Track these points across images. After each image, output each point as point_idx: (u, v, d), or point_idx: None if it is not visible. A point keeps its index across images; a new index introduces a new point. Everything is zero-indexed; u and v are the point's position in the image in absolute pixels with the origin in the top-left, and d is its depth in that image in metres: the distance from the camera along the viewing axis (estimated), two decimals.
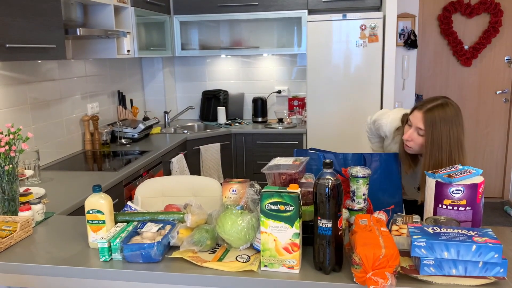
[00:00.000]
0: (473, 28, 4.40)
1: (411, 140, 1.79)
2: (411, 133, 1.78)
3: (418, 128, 1.75)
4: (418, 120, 1.74)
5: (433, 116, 1.71)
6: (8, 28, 1.96)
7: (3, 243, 1.44)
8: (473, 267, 1.14)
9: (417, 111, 1.75)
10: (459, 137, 1.71)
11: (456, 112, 1.73)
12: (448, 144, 1.69)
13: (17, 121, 2.52)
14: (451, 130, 1.70)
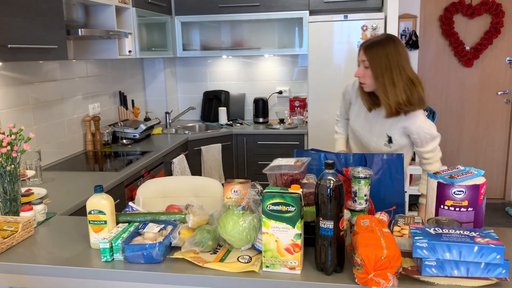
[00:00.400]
0: (474, 29, 4.40)
1: (362, 76, 1.97)
2: (359, 69, 1.98)
3: (362, 61, 1.95)
4: (361, 55, 1.96)
5: (371, 45, 1.94)
6: (10, 28, 1.96)
7: (5, 243, 1.44)
8: (475, 268, 1.14)
9: (360, 49, 1.99)
10: (399, 62, 1.90)
11: (393, 41, 1.93)
12: (389, 68, 1.89)
13: (18, 121, 2.53)
14: (389, 55, 1.89)
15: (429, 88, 4.59)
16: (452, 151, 4.69)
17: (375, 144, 2.10)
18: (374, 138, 2.10)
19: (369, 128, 2.11)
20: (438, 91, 4.58)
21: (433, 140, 2.03)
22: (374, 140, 2.10)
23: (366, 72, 1.95)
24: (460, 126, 4.63)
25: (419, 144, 2.04)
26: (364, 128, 2.13)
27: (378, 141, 2.08)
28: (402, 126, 2.00)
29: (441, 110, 4.59)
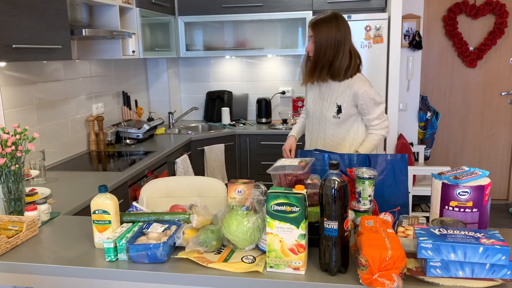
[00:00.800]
0: (478, 29, 4.39)
1: (310, 50, 2.27)
2: (308, 44, 2.29)
3: (310, 36, 2.26)
4: (309, 31, 2.26)
5: (316, 23, 2.24)
6: (15, 28, 1.97)
7: (9, 242, 1.45)
8: (480, 269, 1.13)
9: (309, 26, 2.28)
10: (337, 38, 2.21)
11: (336, 18, 2.24)
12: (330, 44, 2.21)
13: (22, 121, 2.53)
14: (331, 30, 2.20)
15: (433, 89, 4.58)
16: (455, 152, 4.68)
17: (325, 120, 2.34)
18: (324, 111, 2.34)
19: (321, 103, 2.36)
20: (441, 91, 4.57)
21: (377, 106, 2.28)
22: (324, 114, 2.34)
23: (310, 46, 2.27)
24: (464, 127, 4.62)
25: (365, 111, 2.28)
26: (317, 105, 2.38)
27: (327, 114, 2.32)
28: (350, 92, 2.25)
29: (444, 110, 4.58)
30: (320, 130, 2.40)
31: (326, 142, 2.38)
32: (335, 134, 2.35)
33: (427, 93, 4.55)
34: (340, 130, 2.34)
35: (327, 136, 2.37)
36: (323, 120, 2.36)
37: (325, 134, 2.38)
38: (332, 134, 2.35)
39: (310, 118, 2.46)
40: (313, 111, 2.42)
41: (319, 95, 2.39)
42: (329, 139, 2.37)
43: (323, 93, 2.36)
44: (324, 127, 2.36)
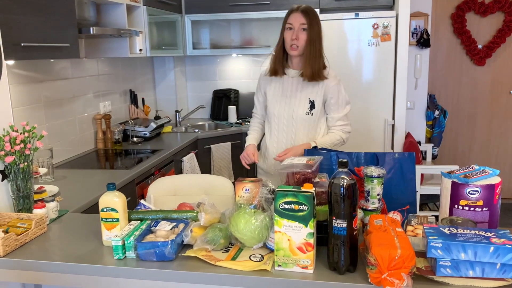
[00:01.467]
0: (487, 27, 4.35)
1: (297, 38, 2.08)
2: (296, 31, 2.08)
3: (302, 24, 2.08)
4: (299, 18, 2.08)
5: (310, 11, 2.11)
6: (23, 27, 1.98)
7: (18, 240, 1.45)
8: (491, 268, 1.12)
9: (295, 13, 2.11)
10: (321, 33, 2.14)
11: (317, 14, 2.16)
12: (319, 36, 2.12)
13: (30, 119, 2.55)
14: (319, 23, 2.13)
15: (440, 87, 4.55)
16: (463, 151, 4.64)
17: (296, 118, 2.19)
18: (294, 108, 2.19)
19: (288, 100, 2.20)
20: (449, 90, 4.54)
21: (346, 105, 2.23)
22: (294, 112, 2.19)
23: (303, 35, 2.08)
24: (472, 126, 4.58)
25: (333, 107, 2.19)
26: (283, 103, 2.21)
27: (299, 111, 2.18)
28: (323, 86, 2.15)
29: (452, 109, 4.55)
30: (290, 130, 2.21)
31: (298, 143, 2.20)
32: (309, 133, 2.20)
33: (435, 91, 4.52)
34: (312, 128, 2.20)
35: (299, 136, 2.20)
36: (293, 119, 2.19)
37: (297, 134, 2.20)
38: (305, 133, 2.19)
39: (274, 119, 2.25)
40: (279, 111, 2.22)
41: (282, 92, 2.21)
42: (301, 140, 2.20)
43: (288, 89, 2.19)
44: (296, 126, 2.19)
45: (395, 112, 3.63)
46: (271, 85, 2.25)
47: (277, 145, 2.26)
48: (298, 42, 2.08)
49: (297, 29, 2.07)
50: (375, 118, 3.66)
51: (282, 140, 2.25)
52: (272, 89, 2.24)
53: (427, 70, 4.29)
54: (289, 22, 2.10)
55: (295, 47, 2.09)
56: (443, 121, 4.35)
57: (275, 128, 2.26)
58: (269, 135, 2.31)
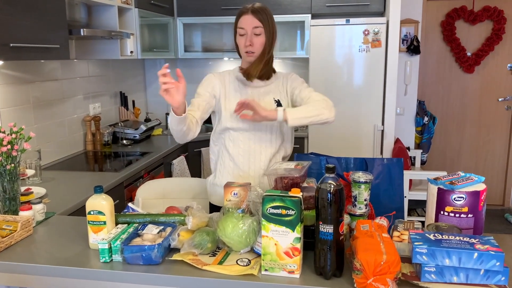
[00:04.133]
0: (476, 35, 4.41)
1: (252, 44, 1.80)
2: (250, 37, 1.80)
3: (254, 27, 1.79)
4: (251, 20, 1.79)
5: (263, 10, 1.81)
6: (12, 27, 1.97)
7: (3, 242, 1.44)
8: (475, 275, 1.13)
9: (245, 16, 1.81)
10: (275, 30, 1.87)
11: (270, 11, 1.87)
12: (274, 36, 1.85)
13: (19, 120, 2.53)
14: (274, 22, 1.85)
15: (430, 94, 4.59)
16: (452, 157, 4.69)
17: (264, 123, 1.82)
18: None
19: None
20: (439, 96, 4.59)
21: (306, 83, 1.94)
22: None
23: (258, 40, 1.80)
24: (461, 132, 4.63)
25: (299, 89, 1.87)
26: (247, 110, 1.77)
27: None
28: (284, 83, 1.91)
29: (442, 115, 4.60)
30: (263, 137, 1.86)
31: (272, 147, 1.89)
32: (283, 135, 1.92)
33: (425, 98, 4.57)
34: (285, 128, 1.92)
35: (275, 140, 1.89)
36: (264, 124, 1.83)
37: (272, 138, 1.87)
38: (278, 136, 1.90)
39: (238, 130, 1.84)
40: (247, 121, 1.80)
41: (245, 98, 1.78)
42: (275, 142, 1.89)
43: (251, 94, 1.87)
44: (270, 130, 1.86)
45: (384, 117, 3.66)
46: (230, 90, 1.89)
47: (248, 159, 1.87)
48: (253, 48, 1.81)
49: (250, 33, 1.79)
50: (364, 123, 3.68)
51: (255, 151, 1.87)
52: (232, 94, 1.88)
53: (417, 77, 4.33)
54: (240, 27, 1.81)
55: (251, 53, 1.82)
56: (432, 127, 4.39)
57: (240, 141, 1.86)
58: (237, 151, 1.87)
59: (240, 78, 1.89)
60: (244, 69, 1.88)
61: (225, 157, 1.89)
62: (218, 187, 1.91)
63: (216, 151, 1.96)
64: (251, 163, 1.86)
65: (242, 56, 1.87)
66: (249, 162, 1.86)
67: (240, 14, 1.83)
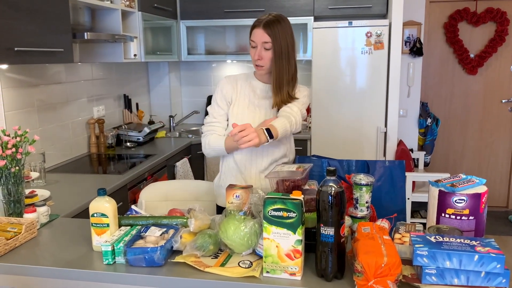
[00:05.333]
0: (479, 36, 4.40)
1: (261, 58, 1.80)
2: (258, 51, 1.79)
3: (264, 42, 1.78)
4: (261, 35, 1.78)
5: (274, 24, 1.77)
6: (17, 32, 1.99)
7: (8, 244, 1.46)
8: (475, 277, 1.14)
9: (256, 29, 1.80)
10: (293, 45, 1.82)
11: (289, 22, 1.84)
12: (287, 51, 1.79)
13: (24, 123, 2.55)
14: (288, 36, 1.80)
15: (433, 96, 4.59)
16: (455, 159, 4.68)
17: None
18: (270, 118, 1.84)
19: (258, 113, 1.87)
20: (442, 98, 4.58)
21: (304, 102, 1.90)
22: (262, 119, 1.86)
23: (267, 54, 1.79)
24: (464, 134, 4.62)
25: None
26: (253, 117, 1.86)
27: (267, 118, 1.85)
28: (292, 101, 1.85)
29: (444, 117, 4.59)
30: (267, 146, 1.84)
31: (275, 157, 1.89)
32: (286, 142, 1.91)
33: (428, 99, 4.56)
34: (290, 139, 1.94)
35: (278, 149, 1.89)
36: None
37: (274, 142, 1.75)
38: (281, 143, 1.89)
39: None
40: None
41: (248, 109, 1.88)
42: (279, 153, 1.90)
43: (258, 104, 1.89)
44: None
45: (387, 119, 3.66)
46: (239, 97, 1.91)
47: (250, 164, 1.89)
48: (262, 62, 1.81)
49: (260, 47, 1.79)
50: (367, 125, 3.68)
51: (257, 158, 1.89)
52: (240, 101, 1.90)
53: (420, 78, 4.33)
54: (252, 40, 1.82)
55: (260, 67, 1.83)
56: (435, 129, 4.38)
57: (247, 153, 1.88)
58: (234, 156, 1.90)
59: (252, 86, 1.91)
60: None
61: (230, 160, 1.92)
62: (222, 189, 1.92)
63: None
64: (253, 167, 1.88)
65: (254, 66, 1.88)
66: (251, 166, 1.88)
67: (253, 27, 1.83)
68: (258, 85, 1.91)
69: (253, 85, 1.91)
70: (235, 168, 1.91)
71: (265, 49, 1.79)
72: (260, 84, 1.90)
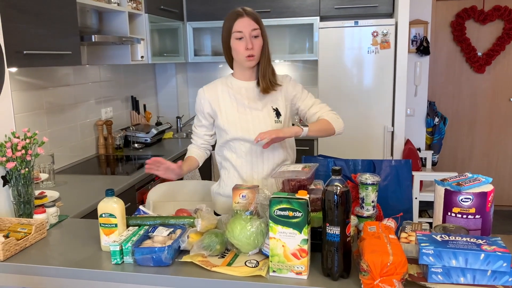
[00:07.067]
0: (486, 34, 4.37)
1: (253, 48, 1.74)
2: (248, 40, 1.74)
3: (253, 30, 1.74)
4: (248, 24, 1.74)
5: (255, 14, 1.77)
6: (26, 35, 2.01)
7: (18, 244, 1.48)
8: (482, 275, 1.14)
9: (241, 19, 1.75)
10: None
11: None
12: (268, 42, 1.81)
13: (33, 125, 2.58)
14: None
15: (440, 94, 4.57)
16: (463, 158, 4.65)
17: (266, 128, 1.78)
18: (262, 119, 1.81)
19: (250, 114, 1.81)
20: (449, 97, 4.56)
21: (305, 89, 1.93)
22: (263, 122, 1.81)
23: (257, 42, 1.75)
24: (472, 133, 4.59)
25: (301, 99, 1.88)
26: (246, 120, 1.81)
27: (267, 121, 1.81)
28: (282, 92, 1.85)
29: (452, 116, 4.57)
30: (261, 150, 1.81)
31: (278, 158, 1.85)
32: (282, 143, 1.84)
33: (435, 98, 4.54)
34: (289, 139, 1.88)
35: (277, 148, 1.84)
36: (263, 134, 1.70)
37: (275, 147, 1.81)
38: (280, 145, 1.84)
39: (240, 142, 1.81)
40: (243, 129, 1.79)
41: (239, 111, 1.82)
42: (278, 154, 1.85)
43: (246, 106, 1.82)
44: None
45: (394, 119, 3.66)
46: (221, 104, 1.84)
47: (251, 169, 1.84)
48: (254, 51, 1.75)
49: (249, 36, 1.74)
50: (374, 125, 3.68)
51: (257, 164, 1.84)
52: (224, 108, 1.83)
53: (427, 77, 4.31)
54: (238, 30, 1.74)
55: (252, 57, 1.75)
56: (443, 128, 4.36)
57: (242, 153, 1.83)
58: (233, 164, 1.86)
59: (235, 87, 1.85)
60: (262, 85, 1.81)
61: (229, 167, 1.87)
62: (221, 196, 1.91)
63: (220, 162, 1.94)
64: (254, 172, 1.84)
65: (240, 61, 1.79)
66: (253, 172, 1.84)
67: (234, 18, 1.75)
68: (242, 84, 1.84)
69: (237, 86, 1.84)
70: (236, 176, 1.86)
71: (254, 37, 1.75)
72: (244, 83, 1.84)
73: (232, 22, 1.75)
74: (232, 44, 1.78)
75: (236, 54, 1.78)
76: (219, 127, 1.85)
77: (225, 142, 1.85)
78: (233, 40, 1.76)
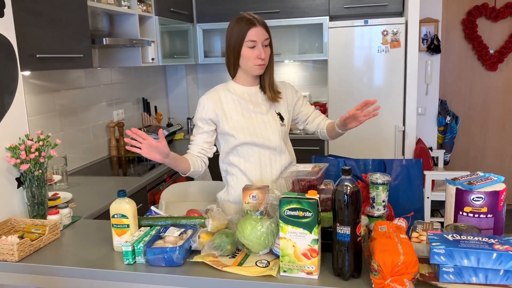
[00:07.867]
0: (498, 32, 4.32)
1: (265, 56, 1.77)
2: (261, 50, 1.75)
3: (265, 39, 1.77)
4: (262, 33, 1.76)
5: (265, 22, 1.81)
6: (38, 39, 2.04)
7: (32, 245, 1.50)
8: (494, 275, 1.13)
9: (255, 28, 1.75)
10: None
11: None
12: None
13: (46, 127, 2.61)
14: None
15: (452, 93, 4.52)
16: (475, 157, 4.60)
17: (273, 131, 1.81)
18: (268, 123, 1.81)
19: (255, 118, 1.81)
20: (461, 95, 4.51)
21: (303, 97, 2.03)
22: (269, 125, 1.81)
23: (268, 51, 1.80)
24: (485, 132, 4.54)
25: (301, 106, 1.97)
26: (253, 124, 1.80)
27: (272, 125, 1.82)
28: (283, 93, 1.90)
29: (464, 115, 4.52)
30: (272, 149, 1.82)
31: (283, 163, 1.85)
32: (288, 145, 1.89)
33: (446, 97, 4.50)
34: (289, 142, 1.93)
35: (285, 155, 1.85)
36: (271, 136, 1.81)
37: (282, 149, 1.83)
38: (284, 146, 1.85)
39: (247, 146, 1.80)
40: (251, 133, 1.78)
41: (245, 116, 1.81)
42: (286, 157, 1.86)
43: (251, 112, 1.82)
44: (279, 141, 1.82)
45: (405, 118, 3.63)
46: (227, 110, 1.82)
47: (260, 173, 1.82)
48: (265, 60, 1.78)
49: (261, 45, 1.75)
50: (385, 124, 3.66)
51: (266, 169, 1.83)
52: (230, 113, 1.81)
53: (438, 76, 4.28)
54: (251, 40, 1.74)
55: (262, 65, 1.78)
56: (455, 127, 4.32)
57: (250, 157, 1.81)
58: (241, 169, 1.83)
59: (238, 93, 1.85)
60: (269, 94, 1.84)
61: (237, 172, 1.84)
62: (231, 203, 1.88)
63: (226, 169, 1.90)
64: (263, 176, 1.82)
65: (249, 69, 1.79)
66: (262, 175, 1.82)
67: (248, 28, 1.74)
68: (245, 89, 1.85)
69: (240, 91, 1.84)
70: (244, 181, 1.82)
71: (265, 46, 1.77)
72: (246, 88, 1.85)
73: (245, 30, 1.75)
74: (243, 52, 1.77)
75: (245, 62, 1.78)
76: (224, 133, 1.82)
77: (232, 148, 1.82)
78: (244, 48, 1.76)
